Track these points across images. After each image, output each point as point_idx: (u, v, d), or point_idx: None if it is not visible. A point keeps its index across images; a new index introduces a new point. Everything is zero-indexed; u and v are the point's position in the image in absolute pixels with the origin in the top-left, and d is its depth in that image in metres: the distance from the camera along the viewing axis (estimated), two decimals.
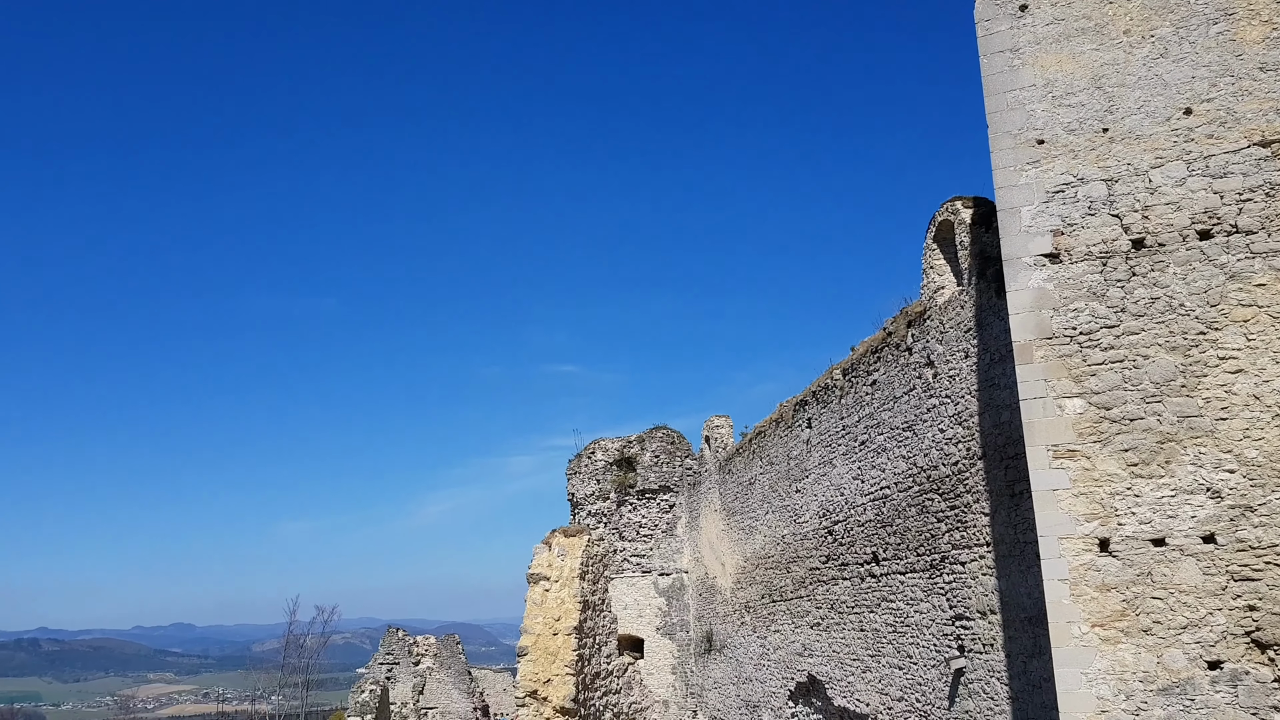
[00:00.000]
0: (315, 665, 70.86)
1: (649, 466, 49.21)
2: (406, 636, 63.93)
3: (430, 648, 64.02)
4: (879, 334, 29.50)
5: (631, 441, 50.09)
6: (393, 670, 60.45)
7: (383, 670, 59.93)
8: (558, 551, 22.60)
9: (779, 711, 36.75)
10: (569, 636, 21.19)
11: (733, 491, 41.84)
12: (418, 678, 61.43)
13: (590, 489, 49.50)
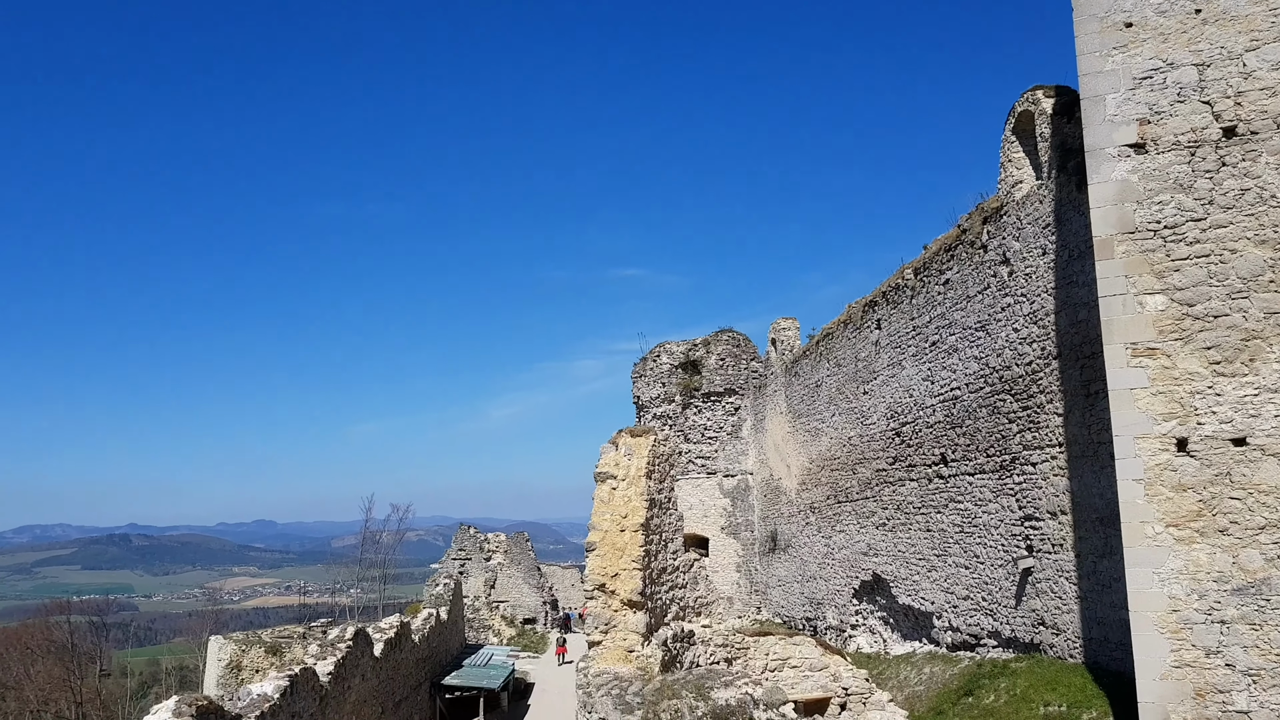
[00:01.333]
0: (391, 560, 73.32)
1: (714, 369, 49.18)
2: (478, 534, 65.66)
3: (501, 544, 65.74)
4: (953, 231, 28.78)
5: (697, 345, 50.02)
6: (465, 565, 62.26)
7: (455, 565, 61.74)
8: (624, 451, 22.72)
9: (843, 609, 37.17)
10: (636, 533, 21.41)
11: (799, 394, 41.71)
12: (489, 573, 63.26)
13: (655, 392, 49.75)
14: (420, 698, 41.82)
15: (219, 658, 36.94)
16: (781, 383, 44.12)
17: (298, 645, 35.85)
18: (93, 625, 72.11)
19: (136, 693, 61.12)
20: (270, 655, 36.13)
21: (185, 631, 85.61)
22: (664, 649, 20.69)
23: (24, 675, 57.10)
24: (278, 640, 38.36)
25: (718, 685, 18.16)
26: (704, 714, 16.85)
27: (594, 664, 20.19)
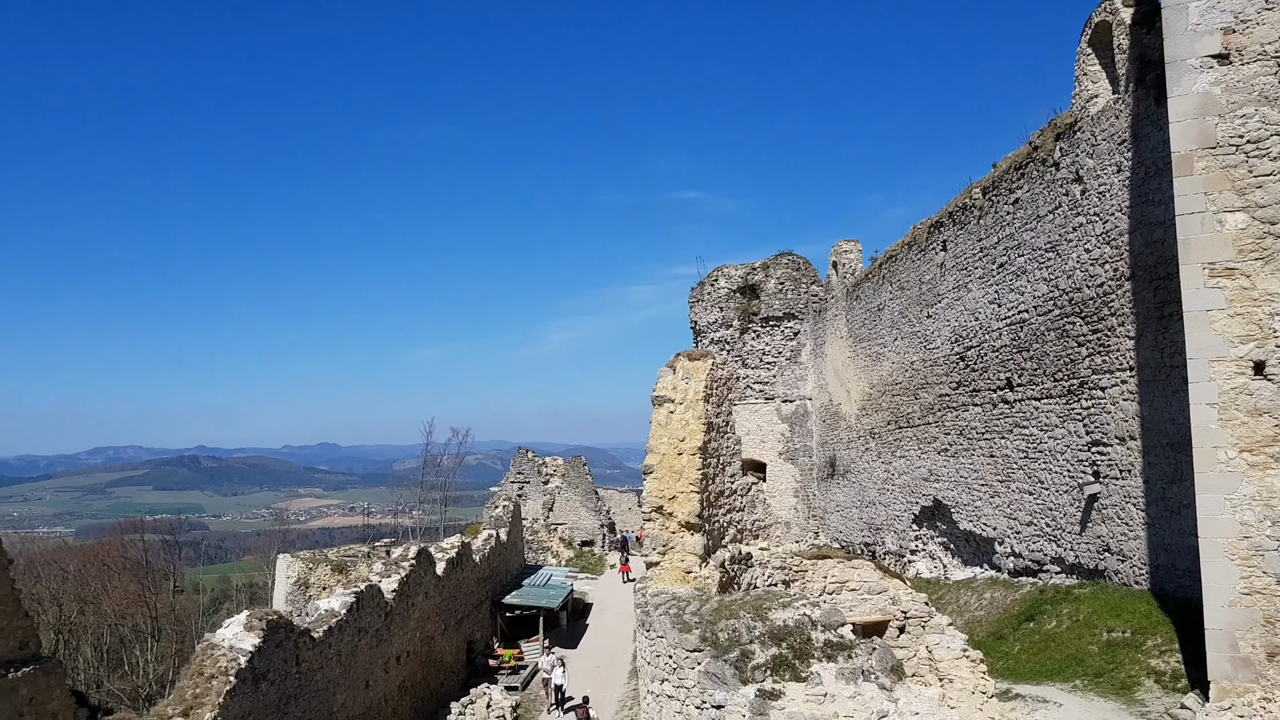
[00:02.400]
0: (451, 483, 74.66)
1: (773, 293, 48.60)
2: (536, 457, 66.35)
3: (558, 468, 66.40)
4: (1024, 149, 27.85)
5: (755, 268, 49.40)
6: (523, 488, 63.08)
7: (514, 488, 62.58)
8: (682, 374, 22.54)
9: (902, 534, 37.03)
10: (693, 456, 21.33)
11: (860, 318, 41.11)
12: (547, 495, 64.07)
13: (713, 316, 49.37)
14: (481, 615, 42.78)
15: (287, 575, 37.99)
16: (842, 307, 43.51)
17: (362, 564, 36.69)
18: (165, 544, 74.69)
19: (208, 608, 63.30)
20: (336, 573, 37.06)
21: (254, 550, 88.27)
22: (721, 571, 20.73)
23: (102, 590, 59.33)
24: (343, 559, 39.31)
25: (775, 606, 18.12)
26: (762, 634, 16.84)
27: (652, 584, 20.28)
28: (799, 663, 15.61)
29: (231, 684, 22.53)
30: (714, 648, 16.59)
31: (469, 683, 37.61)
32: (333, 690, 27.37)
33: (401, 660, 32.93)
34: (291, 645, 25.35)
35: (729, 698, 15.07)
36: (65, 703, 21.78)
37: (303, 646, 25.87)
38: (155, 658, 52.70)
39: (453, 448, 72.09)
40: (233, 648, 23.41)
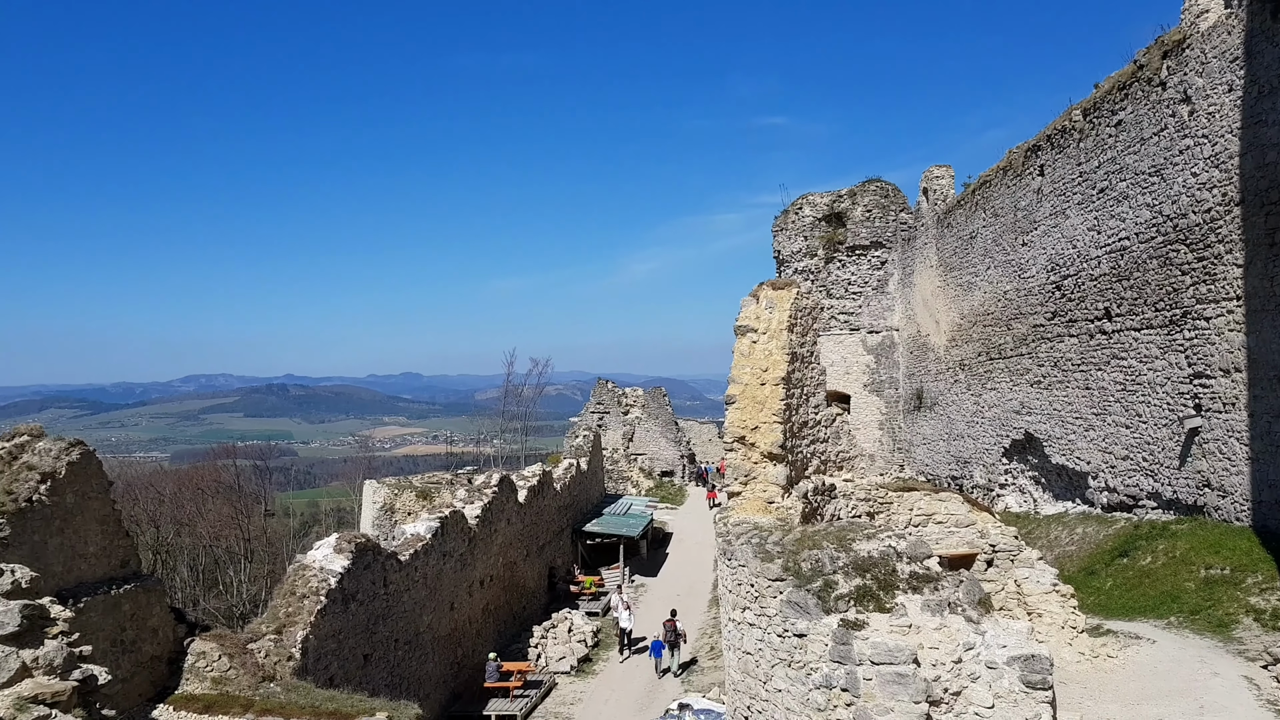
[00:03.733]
0: (531, 413, 75.22)
1: (860, 221, 47.32)
2: (615, 388, 66.45)
3: (638, 399, 66.44)
4: (1128, 68, 26.34)
5: (842, 196, 48.08)
6: (603, 419, 63.34)
7: (594, 418, 62.87)
8: (766, 304, 22.03)
9: (991, 468, 36.21)
10: (776, 386, 20.89)
11: (951, 246, 39.86)
12: (627, 426, 64.24)
13: (797, 245, 48.35)
14: (562, 543, 43.28)
15: (373, 500, 38.76)
16: (933, 234, 42.21)
17: (445, 490, 37.20)
18: (257, 469, 76.89)
19: (298, 531, 65.17)
20: (420, 499, 37.67)
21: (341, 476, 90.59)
22: (804, 501, 20.40)
23: (197, 513, 61.42)
24: (427, 485, 39.92)
25: (860, 537, 17.76)
26: (845, 564, 16.51)
27: (733, 514, 20.08)
28: (883, 594, 15.26)
29: (322, 603, 23.10)
30: (796, 577, 16.35)
31: (550, 607, 38.23)
32: (419, 612, 27.96)
33: (485, 584, 33.51)
34: (379, 567, 25.88)
35: (811, 626, 14.83)
36: (165, 619, 22.55)
37: (390, 569, 26.42)
38: (248, 578, 54.54)
39: (533, 378, 72.50)
40: (323, 569, 23.97)
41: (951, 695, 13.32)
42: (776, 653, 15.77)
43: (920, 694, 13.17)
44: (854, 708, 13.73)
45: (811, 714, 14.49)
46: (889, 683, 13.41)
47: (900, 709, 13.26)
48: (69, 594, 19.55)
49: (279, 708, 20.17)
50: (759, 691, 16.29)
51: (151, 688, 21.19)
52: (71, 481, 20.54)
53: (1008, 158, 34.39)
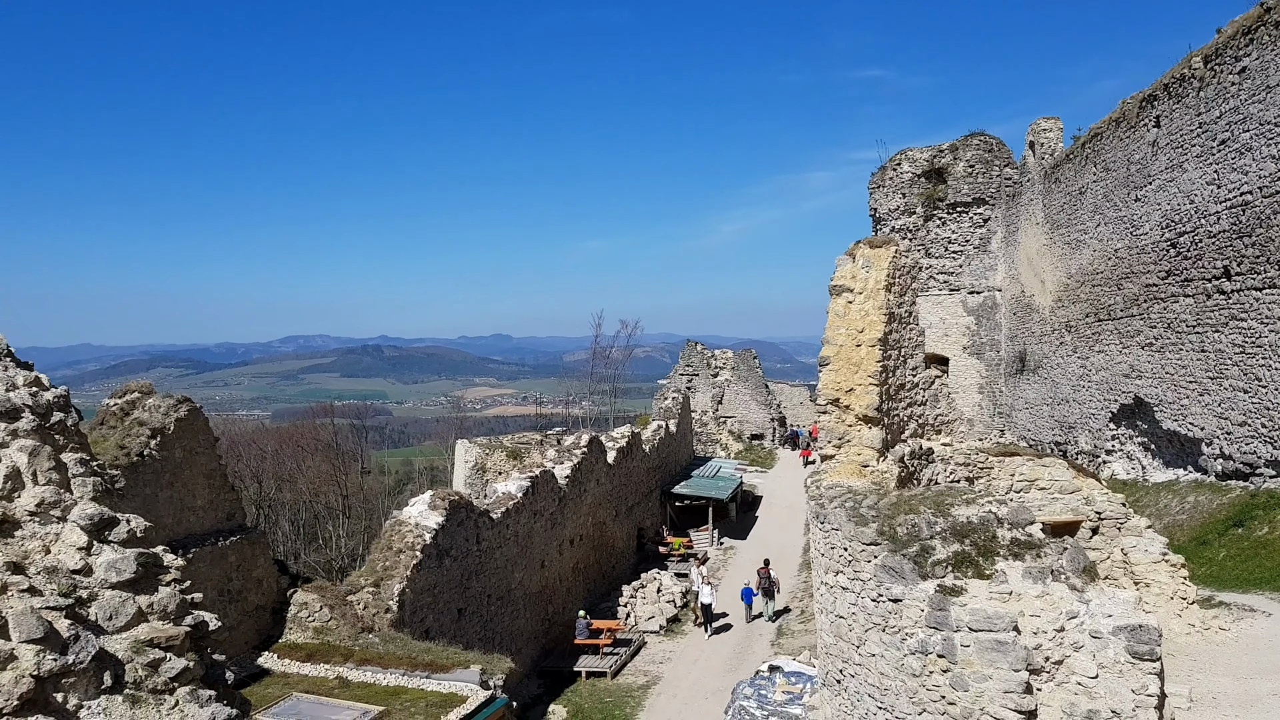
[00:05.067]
0: (620, 375, 75.36)
1: (961, 177, 45.83)
2: (705, 350, 66.07)
3: (728, 361, 65.98)
4: (1254, 11, 24.82)
5: (943, 151, 46.57)
6: (692, 381, 63.10)
7: (683, 380, 62.67)
8: (862, 262, 21.46)
9: (1098, 434, 35.05)
10: (873, 348, 20.39)
11: (1059, 202, 38.41)
12: (716, 388, 63.92)
13: (895, 203, 47.12)
14: (651, 504, 43.41)
15: (465, 459, 39.32)
16: (1039, 190, 40.72)
17: (535, 450, 37.52)
18: (353, 427, 78.71)
19: (393, 489, 66.58)
20: (511, 459, 38.07)
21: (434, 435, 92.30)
22: (900, 465, 19.93)
23: (297, 470, 63.23)
24: (518, 445, 40.32)
25: (958, 502, 17.29)
26: (943, 529, 16.07)
27: (826, 477, 19.75)
28: (982, 560, 14.80)
29: (418, 558, 23.56)
30: (892, 542, 16.06)
31: (639, 568, 38.45)
32: (510, 568, 28.34)
33: (574, 543, 33.83)
34: (472, 525, 26.27)
35: (907, 591, 14.49)
36: (268, 570, 23.26)
37: (482, 526, 26.80)
38: (346, 533, 56.03)
39: (622, 340, 72.57)
40: (418, 525, 24.41)
41: (1053, 664, 12.92)
42: (870, 617, 15.55)
43: (1020, 662, 12.79)
44: (950, 674, 13.43)
45: (906, 679, 14.25)
46: (987, 650, 13.07)
47: (999, 676, 12.93)
48: (178, 545, 20.25)
49: (377, 658, 20.68)
50: (852, 655, 16.11)
51: (257, 636, 21.90)
52: (180, 437, 21.24)
53: (1120, 109, 32.87)
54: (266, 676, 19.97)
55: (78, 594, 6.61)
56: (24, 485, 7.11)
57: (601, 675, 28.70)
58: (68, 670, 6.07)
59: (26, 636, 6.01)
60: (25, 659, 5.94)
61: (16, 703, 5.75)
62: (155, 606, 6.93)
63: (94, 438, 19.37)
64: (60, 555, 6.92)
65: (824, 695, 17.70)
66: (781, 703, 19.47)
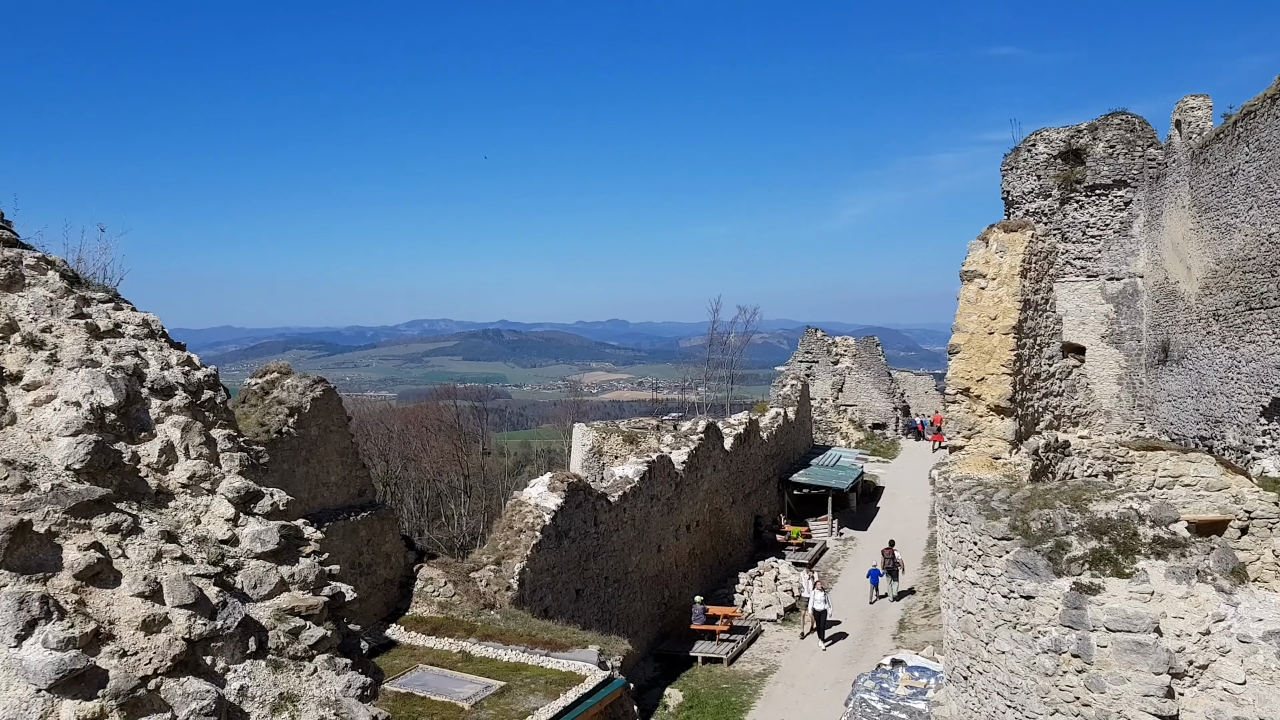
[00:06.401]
0: (737, 361, 74.76)
1: (1101, 159, 43.83)
2: (825, 337, 65.09)
3: (849, 348, 64.87)
4: None
5: (1081, 131, 44.61)
6: (811, 368, 62.30)
7: (802, 367, 61.93)
8: (996, 247, 20.78)
9: (1247, 429, 33.26)
10: (1006, 335, 19.74)
11: (1207, 184, 36.44)
12: (837, 376, 62.95)
13: (1029, 186, 45.43)
14: (768, 492, 43.09)
15: (583, 443, 39.71)
16: (1185, 172, 38.71)
17: (652, 435, 37.64)
18: (474, 409, 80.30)
19: (512, 470, 67.72)
20: (627, 443, 38.28)
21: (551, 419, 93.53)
22: (1034, 458, 19.27)
23: (421, 449, 64.86)
24: (634, 430, 40.51)
25: (1096, 498, 16.64)
26: (1079, 525, 15.50)
27: (955, 469, 19.23)
28: (1122, 558, 14.23)
29: (538, 538, 23.92)
30: (1024, 537, 15.60)
31: (756, 556, 38.23)
32: (627, 551, 28.52)
33: (691, 529, 33.83)
34: (590, 507, 26.51)
35: (1040, 589, 14.06)
36: (397, 545, 23.94)
37: (600, 509, 27.03)
38: (467, 511, 57.26)
39: (739, 326, 72.01)
40: (538, 505, 24.77)
41: (1197, 669, 12.35)
42: (1000, 614, 15.16)
43: (1161, 665, 12.26)
44: (1086, 675, 13.00)
45: (1038, 678, 13.84)
46: (1126, 651, 12.59)
47: (1138, 679, 12.42)
48: (313, 519, 20.98)
49: (499, 634, 21.09)
50: (980, 652, 15.73)
51: (385, 608, 22.58)
52: (315, 415, 22.00)
53: (1277, 84, 30.97)
54: (394, 648, 20.57)
55: (225, 563, 6.85)
56: (177, 459, 7.39)
57: (717, 661, 28.66)
58: (216, 635, 6.29)
59: (179, 601, 6.25)
60: (178, 622, 6.17)
61: (170, 664, 5.98)
62: (296, 577, 7.14)
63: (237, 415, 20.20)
64: (209, 526, 7.19)
65: (949, 691, 17.31)
66: (904, 697, 19.08)
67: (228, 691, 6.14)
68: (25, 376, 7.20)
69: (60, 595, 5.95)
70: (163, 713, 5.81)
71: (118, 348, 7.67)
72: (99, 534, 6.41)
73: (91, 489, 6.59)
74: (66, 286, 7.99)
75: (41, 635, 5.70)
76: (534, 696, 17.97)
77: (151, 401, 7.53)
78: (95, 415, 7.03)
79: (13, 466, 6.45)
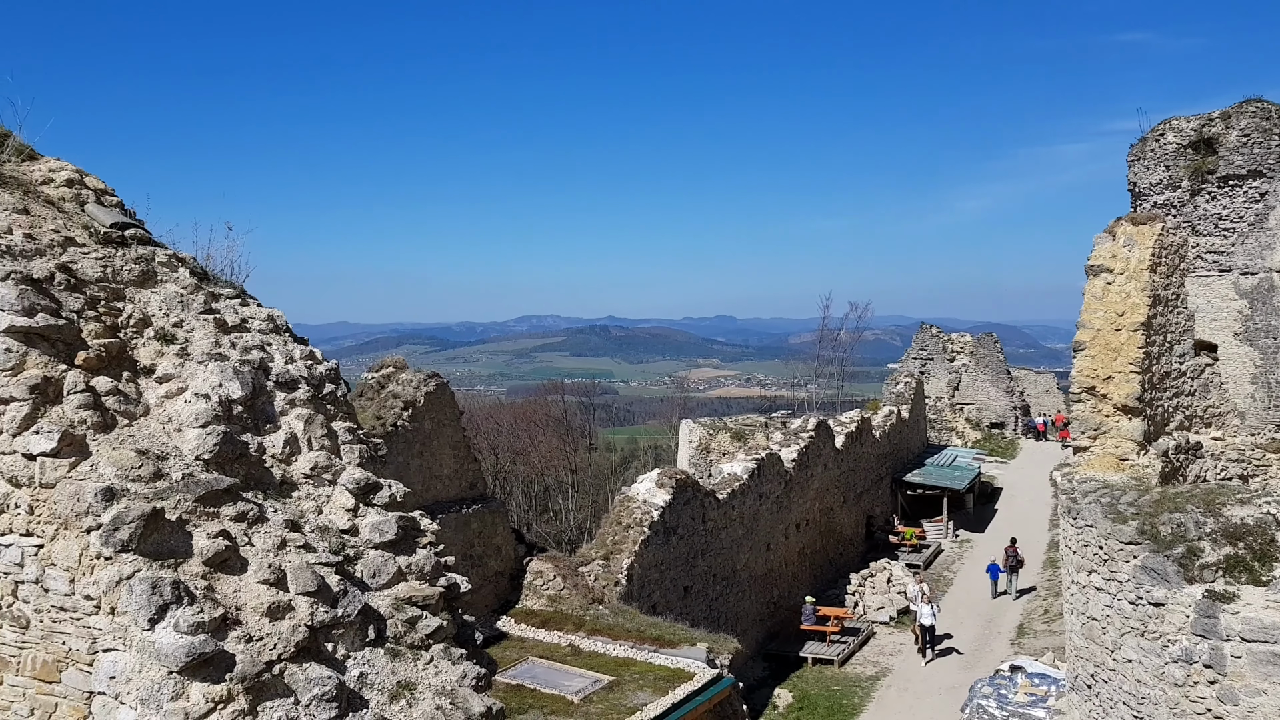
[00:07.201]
0: (848, 358, 73.39)
1: (1235, 148, 41.62)
2: (940, 333, 63.52)
3: (966, 345, 63.17)
4: None
5: (1213, 119, 42.42)
6: (926, 365, 60.89)
7: (916, 365, 60.58)
8: (1124, 241, 20.06)
9: None
10: (1134, 332, 19.00)
11: None
12: (953, 374, 61.39)
13: (1156, 177, 43.47)
14: (881, 492, 42.32)
15: (689, 439, 39.61)
16: None
17: (760, 433, 37.29)
18: (581, 405, 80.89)
19: (619, 466, 67.93)
20: (735, 440, 38.05)
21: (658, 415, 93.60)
22: (1163, 460, 18.49)
23: (530, 444, 65.62)
24: (741, 427, 40.24)
25: (1231, 502, 15.86)
26: (1213, 530, 14.79)
27: (1079, 470, 18.55)
28: (1259, 565, 13.52)
29: (646, 534, 23.94)
30: (1153, 541, 14.98)
31: (868, 556, 37.56)
32: (736, 549, 28.33)
33: (800, 528, 33.43)
34: (698, 504, 26.41)
35: (1170, 596, 13.47)
36: (507, 539, 24.28)
37: (708, 506, 26.90)
38: (575, 506, 57.76)
39: (850, 322, 70.64)
40: (646, 501, 24.79)
41: None
42: (1127, 621, 14.63)
43: None
44: (1218, 686, 12.39)
45: (1167, 688, 13.27)
46: (1263, 663, 11.98)
47: (1275, 692, 11.82)
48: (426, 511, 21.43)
49: (607, 629, 21.18)
50: (1105, 660, 15.19)
51: (495, 600, 22.92)
52: (429, 409, 22.45)
53: None
54: (504, 639, 20.85)
55: (345, 552, 6.99)
56: (300, 450, 7.58)
57: (828, 663, 28.25)
58: (337, 622, 6.42)
59: (302, 589, 6.39)
60: (301, 609, 6.32)
61: (293, 650, 6.12)
62: (413, 567, 7.25)
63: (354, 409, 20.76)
64: (330, 516, 7.35)
65: (1072, 700, 16.71)
66: (1024, 704, 18.50)
67: (348, 678, 6.26)
68: (158, 369, 7.48)
69: (190, 581, 6.15)
70: (286, 697, 5.95)
71: (244, 342, 7.90)
72: (227, 522, 6.61)
73: (220, 478, 6.81)
74: (196, 283, 8.28)
75: (173, 619, 5.89)
76: (642, 693, 17.98)
77: (276, 394, 7.74)
78: (223, 407, 7.25)
79: (146, 456, 6.70)
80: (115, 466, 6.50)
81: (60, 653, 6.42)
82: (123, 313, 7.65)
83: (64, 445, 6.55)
